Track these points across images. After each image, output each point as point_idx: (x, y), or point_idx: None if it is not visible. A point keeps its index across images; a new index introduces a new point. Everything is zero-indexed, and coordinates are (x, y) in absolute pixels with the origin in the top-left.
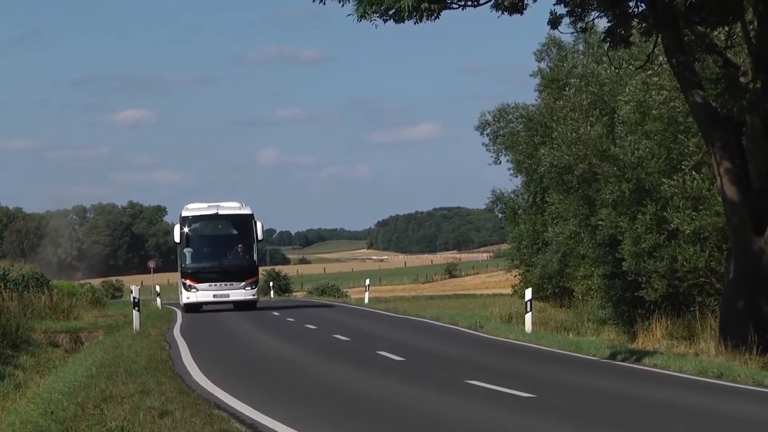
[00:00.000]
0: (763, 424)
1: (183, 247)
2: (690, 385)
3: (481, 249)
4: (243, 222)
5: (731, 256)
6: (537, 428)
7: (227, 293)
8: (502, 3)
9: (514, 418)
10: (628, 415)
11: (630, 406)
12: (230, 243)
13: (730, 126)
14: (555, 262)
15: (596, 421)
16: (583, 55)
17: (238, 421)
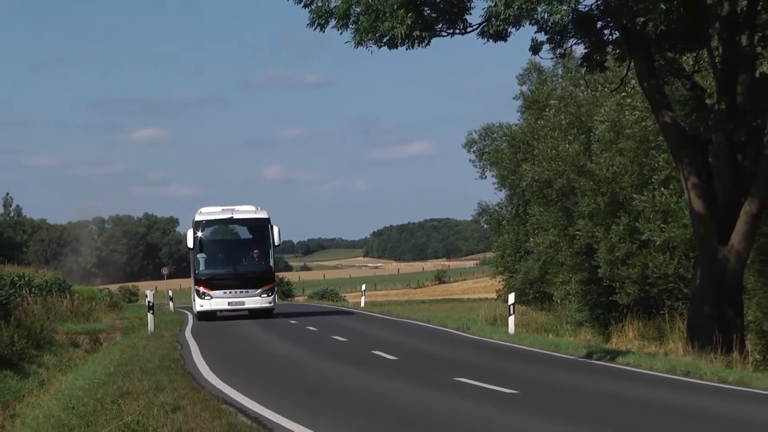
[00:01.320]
0: (726, 418)
1: (196, 252)
2: (660, 382)
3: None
4: (259, 226)
5: (698, 264)
6: (520, 422)
7: (243, 300)
8: (487, 31)
9: (499, 412)
10: (603, 410)
11: (605, 402)
12: (246, 248)
13: (697, 144)
14: (536, 269)
15: (574, 415)
16: (561, 79)
17: (244, 415)
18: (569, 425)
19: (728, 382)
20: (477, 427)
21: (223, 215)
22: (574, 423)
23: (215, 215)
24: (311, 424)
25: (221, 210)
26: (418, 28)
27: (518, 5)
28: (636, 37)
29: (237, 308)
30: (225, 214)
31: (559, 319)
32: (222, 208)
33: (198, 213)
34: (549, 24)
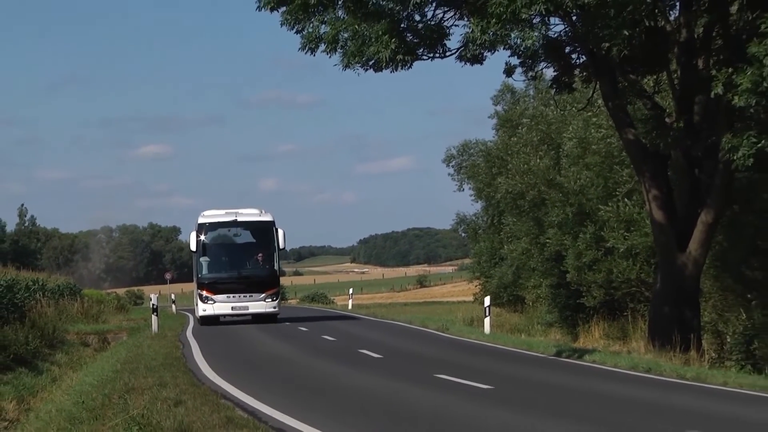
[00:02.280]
0: (684, 411)
1: (199, 255)
2: (623, 378)
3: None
4: (263, 229)
5: (658, 269)
6: (494, 415)
7: (246, 305)
8: (465, 55)
9: (475, 406)
10: (570, 404)
11: (572, 396)
12: (250, 251)
13: (657, 159)
14: (510, 274)
15: (544, 409)
16: (533, 99)
17: (241, 409)
18: (539, 418)
19: (686, 379)
20: (455, 419)
21: (227, 218)
22: (544, 416)
23: (219, 218)
24: (303, 417)
25: (225, 213)
26: (401, 52)
27: (493, 31)
28: (601, 61)
29: (240, 313)
30: (228, 217)
31: (530, 320)
32: (225, 211)
33: (201, 216)
34: (521, 49)
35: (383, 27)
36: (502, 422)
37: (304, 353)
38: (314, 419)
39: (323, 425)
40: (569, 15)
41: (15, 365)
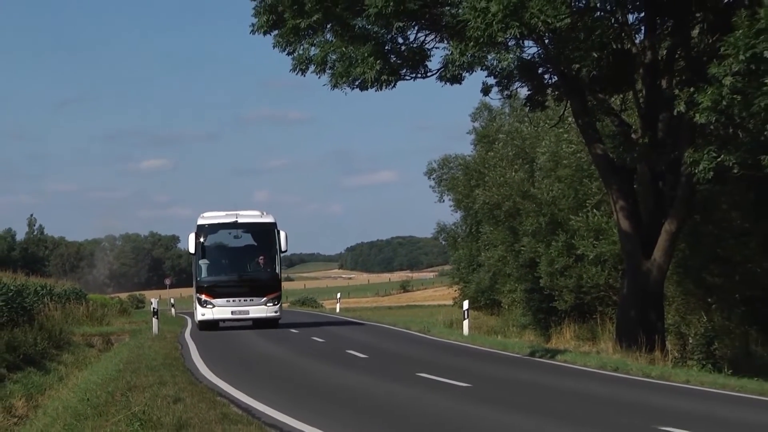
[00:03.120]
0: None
1: (198, 258)
2: (592, 376)
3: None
4: (265, 231)
5: (625, 275)
6: (472, 411)
7: (247, 309)
8: (445, 75)
9: (454, 403)
10: (543, 400)
11: (545, 393)
12: (251, 254)
13: (624, 173)
14: (487, 279)
15: (519, 405)
16: (508, 116)
17: (235, 405)
18: (515, 414)
19: (651, 377)
20: (435, 414)
21: (227, 219)
22: (519, 412)
23: (219, 219)
24: (293, 414)
25: (225, 214)
26: (385, 72)
27: (471, 54)
28: (572, 81)
29: (241, 317)
30: (229, 219)
31: (506, 322)
32: (226, 213)
33: (201, 217)
34: (498, 70)
35: (369, 49)
36: (480, 417)
37: (294, 354)
38: (304, 415)
39: (312, 421)
40: (542, 38)
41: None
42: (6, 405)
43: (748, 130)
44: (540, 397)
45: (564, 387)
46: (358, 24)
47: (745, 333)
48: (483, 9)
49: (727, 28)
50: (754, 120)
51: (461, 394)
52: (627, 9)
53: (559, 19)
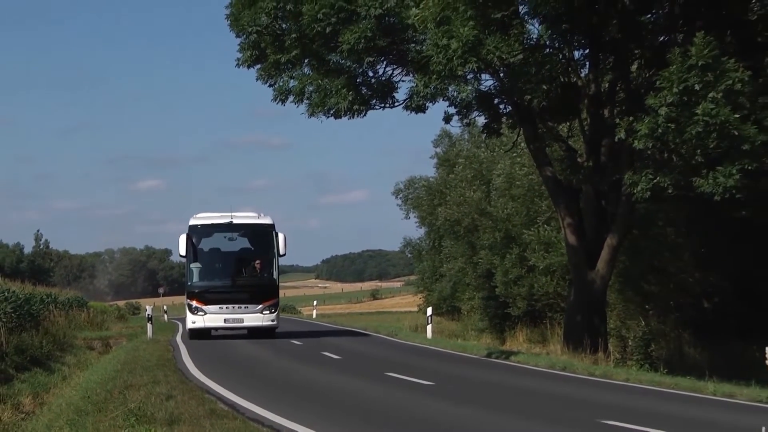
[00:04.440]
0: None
1: (190, 261)
2: (543, 375)
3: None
4: (262, 233)
5: (572, 284)
6: (435, 406)
7: (241, 317)
8: (410, 105)
9: (419, 399)
10: (499, 396)
11: (501, 390)
12: (246, 258)
13: (570, 193)
14: (448, 288)
15: (476, 401)
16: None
17: (222, 402)
18: (472, 408)
19: (595, 375)
20: (402, 409)
21: (222, 220)
22: (476, 406)
23: (212, 220)
24: (274, 409)
25: (219, 215)
26: (357, 102)
27: (434, 86)
28: (524, 111)
29: (234, 326)
30: (223, 219)
31: (465, 326)
32: (220, 214)
33: (193, 218)
34: (458, 100)
35: (342, 82)
36: (442, 412)
37: (276, 355)
38: (283, 410)
39: (290, 415)
40: (497, 72)
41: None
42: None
43: (681, 154)
44: (496, 393)
45: (517, 385)
46: (332, 59)
47: (679, 336)
48: (444, 46)
49: (662, 64)
50: (686, 146)
51: (425, 391)
52: (573, 46)
53: (512, 54)
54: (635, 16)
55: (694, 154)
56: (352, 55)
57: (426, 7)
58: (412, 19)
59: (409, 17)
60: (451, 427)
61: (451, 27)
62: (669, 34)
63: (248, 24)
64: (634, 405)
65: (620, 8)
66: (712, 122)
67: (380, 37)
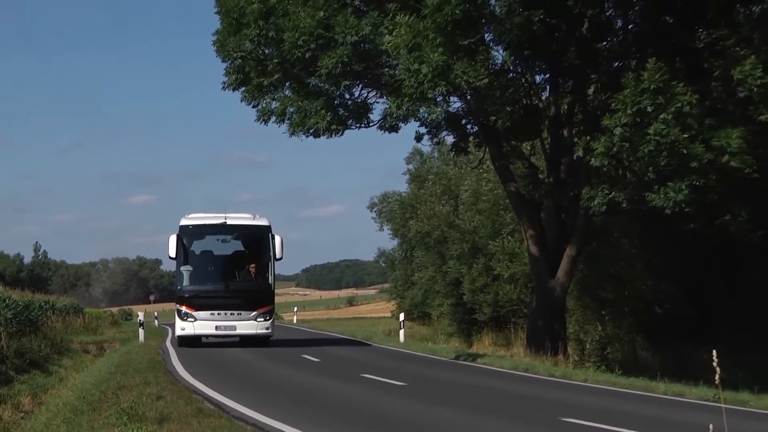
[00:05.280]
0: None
1: (180, 264)
2: (507, 376)
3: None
4: (257, 235)
5: (534, 291)
6: (406, 405)
7: (234, 324)
8: (384, 125)
9: (392, 398)
10: (466, 396)
11: (468, 390)
12: (240, 261)
13: (532, 206)
14: (419, 295)
15: (445, 400)
16: (437, 160)
17: (209, 402)
18: (442, 407)
19: (556, 377)
20: (376, 407)
21: (215, 220)
22: (445, 405)
23: (205, 220)
24: (256, 408)
25: (212, 216)
26: (334, 123)
27: (406, 107)
28: (489, 131)
29: (226, 333)
30: (217, 220)
31: (435, 331)
32: (213, 214)
33: (184, 218)
34: (428, 121)
35: (321, 103)
36: (413, 410)
37: (258, 358)
38: (265, 410)
39: (272, 414)
40: (465, 95)
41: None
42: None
43: (635, 171)
44: (463, 393)
45: (483, 385)
46: (311, 82)
47: (633, 340)
48: (416, 70)
49: (617, 88)
50: (639, 163)
51: (398, 391)
52: (534, 71)
53: (478, 79)
54: (592, 43)
55: (647, 171)
56: (329, 79)
57: (399, 34)
58: (386, 45)
59: (383, 44)
60: (423, 425)
61: (422, 53)
62: (623, 60)
63: (233, 50)
64: (591, 404)
65: (578, 36)
66: (663, 141)
67: (356, 62)
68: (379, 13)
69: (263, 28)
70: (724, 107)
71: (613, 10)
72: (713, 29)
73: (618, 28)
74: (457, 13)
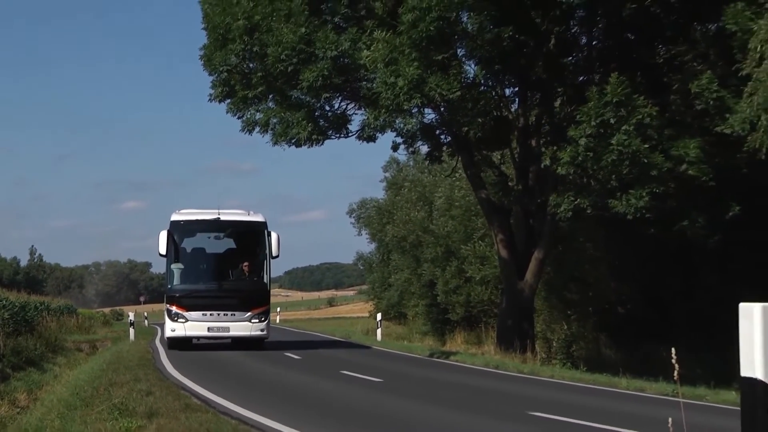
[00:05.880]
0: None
1: (170, 261)
2: (478, 372)
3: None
4: (253, 232)
5: (504, 293)
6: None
7: (227, 326)
8: (362, 135)
9: (370, 393)
10: (440, 391)
11: (441, 386)
12: (234, 259)
13: (502, 212)
14: (396, 296)
15: (419, 395)
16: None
17: (196, 397)
18: (416, 402)
19: (524, 373)
20: (354, 401)
21: (207, 216)
22: (420, 400)
23: (197, 215)
24: (241, 403)
25: (205, 212)
26: (315, 133)
27: (383, 118)
28: (462, 141)
29: (219, 335)
30: (209, 215)
31: (411, 330)
32: (205, 210)
33: (175, 212)
34: (404, 131)
35: (302, 114)
36: (389, 405)
37: (242, 356)
38: (249, 405)
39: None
40: (438, 107)
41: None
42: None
43: (598, 179)
44: (437, 388)
45: (456, 381)
46: (294, 95)
47: (597, 338)
48: (392, 83)
49: (581, 100)
50: (603, 172)
51: (375, 387)
52: (504, 84)
53: (451, 92)
54: (558, 58)
55: (610, 179)
56: (311, 92)
57: (376, 49)
58: (364, 60)
59: (361, 58)
60: (398, 419)
61: (398, 67)
62: (587, 75)
63: (219, 64)
64: (558, 398)
65: (545, 52)
66: (625, 151)
67: (336, 75)
68: (358, 29)
69: (248, 43)
70: (682, 119)
71: (578, 27)
72: (672, 46)
73: (583, 45)
74: (432, 30)
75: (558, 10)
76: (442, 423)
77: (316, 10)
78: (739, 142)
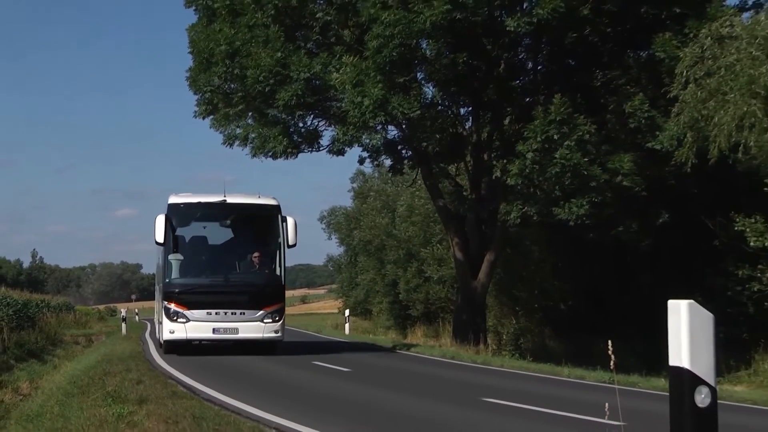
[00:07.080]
0: (477, 384)
1: (168, 251)
2: (436, 363)
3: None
4: (264, 217)
5: (459, 291)
6: (350, 387)
7: (235, 327)
8: (333, 149)
9: (339, 382)
10: (402, 379)
11: (403, 375)
12: (243, 248)
13: (458, 219)
14: (362, 294)
15: (384, 383)
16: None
17: (182, 386)
18: (381, 389)
19: (477, 363)
20: (325, 388)
21: (211, 198)
22: (384, 388)
23: (199, 198)
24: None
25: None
26: (290, 147)
27: (351, 134)
28: (421, 155)
29: (226, 338)
30: (214, 198)
31: (376, 325)
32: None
33: (173, 195)
34: (369, 146)
35: (278, 130)
36: (357, 392)
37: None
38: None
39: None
40: (400, 124)
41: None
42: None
43: (544, 189)
44: (399, 377)
45: (416, 370)
46: (270, 112)
47: (542, 331)
48: (359, 103)
49: (528, 119)
50: (548, 183)
51: (344, 376)
52: (459, 104)
53: (412, 111)
54: (507, 81)
55: (554, 189)
56: (286, 110)
57: (344, 72)
58: (334, 81)
59: (331, 80)
60: (364, 403)
61: (364, 88)
62: (533, 96)
63: (204, 85)
64: (507, 386)
65: (496, 75)
66: (567, 164)
67: (308, 95)
68: (328, 54)
69: (229, 66)
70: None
71: (525, 53)
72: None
73: (529, 69)
74: (394, 55)
75: (507, 38)
76: (403, 407)
77: (291, 36)
78: (667, 157)
